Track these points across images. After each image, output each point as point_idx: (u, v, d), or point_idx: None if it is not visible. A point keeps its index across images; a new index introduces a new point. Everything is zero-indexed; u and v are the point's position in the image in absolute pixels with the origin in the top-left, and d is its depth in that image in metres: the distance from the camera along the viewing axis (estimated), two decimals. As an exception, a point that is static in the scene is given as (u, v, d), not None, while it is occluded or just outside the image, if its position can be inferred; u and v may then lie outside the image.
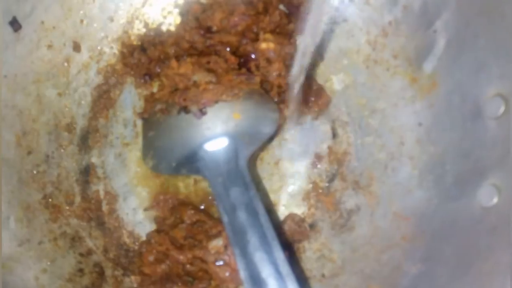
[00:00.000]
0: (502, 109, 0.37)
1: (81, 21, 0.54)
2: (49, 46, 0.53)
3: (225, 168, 0.42)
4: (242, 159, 0.43)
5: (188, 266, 0.45)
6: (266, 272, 0.36)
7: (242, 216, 0.39)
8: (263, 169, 0.54)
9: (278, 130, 0.53)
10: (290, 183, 0.53)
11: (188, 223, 0.46)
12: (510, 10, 0.37)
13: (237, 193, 0.40)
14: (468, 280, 0.34)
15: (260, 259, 0.36)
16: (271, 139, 0.53)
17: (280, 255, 0.37)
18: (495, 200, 0.36)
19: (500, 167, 0.36)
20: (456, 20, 0.43)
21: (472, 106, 0.41)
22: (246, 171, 0.43)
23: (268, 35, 0.52)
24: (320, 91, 0.54)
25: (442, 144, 0.44)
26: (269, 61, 0.52)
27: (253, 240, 0.37)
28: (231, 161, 0.42)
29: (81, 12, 0.54)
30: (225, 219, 0.40)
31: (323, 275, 0.47)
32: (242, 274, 0.37)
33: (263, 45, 0.51)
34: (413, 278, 0.40)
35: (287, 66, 0.53)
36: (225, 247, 0.44)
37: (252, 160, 0.53)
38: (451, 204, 0.40)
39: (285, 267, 0.36)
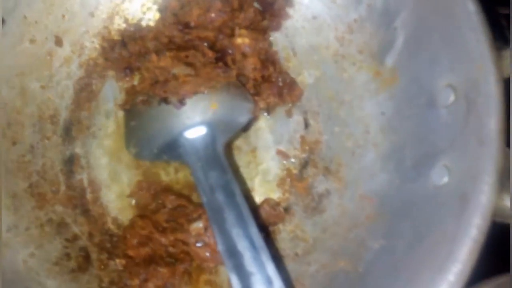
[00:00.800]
0: (452, 97, 0.42)
1: (63, 16, 0.56)
2: (32, 41, 0.54)
3: (204, 153, 0.45)
4: (219, 145, 0.47)
5: (170, 248, 0.48)
6: (242, 245, 0.39)
7: (220, 196, 0.42)
8: (241, 157, 0.57)
9: (253, 120, 0.56)
10: (265, 171, 0.57)
11: (169, 207, 0.49)
12: (459, 9, 0.41)
13: (215, 176, 0.43)
14: (422, 250, 0.39)
15: (236, 234, 0.40)
16: (247, 127, 0.57)
17: (254, 230, 0.40)
18: (445, 179, 0.40)
19: (450, 149, 0.41)
20: (413, 18, 0.47)
21: (427, 96, 0.45)
22: (223, 156, 0.46)
23: (243, 31, 0.55)
24: (293, 84, 0.58)
25: (402, 131, 0.49)
26: (244, 55, 0.55)
27: (230, 217, 0.41)
28: (209, 147, 0.46)
29: (63, 7, 0.56)
30: (204, 199, 0.43)
31: (296, 254, 0.51)
32: (220, 248, 0.40)
33: (239, 40, 0.55)
34: (375, 252, 0.44)
35: (262, 60, 0.56)
36: (205, 229, 0.47)
37: (230, 150, 0.57)
38: (409, 185, 0.45)
39: (258, 241, 0.40)
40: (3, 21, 0.51)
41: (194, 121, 0.47)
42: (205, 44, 0.54)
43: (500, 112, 0.36)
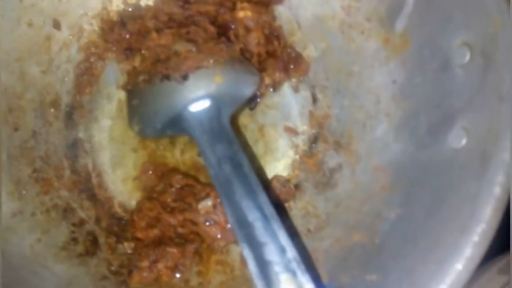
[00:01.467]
0: (467, 56, 0.39)
1: (59, -3, 0.55)
2: (29, 24, 0.53)
3: (209, 126, 0.44)
4: (224, 117, 0.45)
5: (179, 228, 0.47)
6: (252, 216, 0.38)
7: (227, 168, 0.40)
8: (248, 136, 0.55)
9: (259, 97, 0.55)
10: (274, 148, 0.55)
11: (177, 187, 0.48)
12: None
13: (222, 148, 0.42)
14: (443, 214, 0.37)
15: (246, 205, 0.38)
16: (253, 105, 0.55)
17: (264, 200, 0.39)
18: (463, 141, 0.38)
19: (468, 110, 0.39)
20: (423, -22, 0.45)
21: (441, 58, 0.43)
22: (229, 128, 0.44)
23: (245, 4, 0.53)
24: (299, 58, 0.56)
25: (415, 98, 0.46)
26: (247, 29, 0.53)
27: (238, 189, 0.39)
28: (213, 120, 0.44)
29: (59, -11, 0.54)
30: (212, 173, 0.42)
31: (309, 230, 0.49)
32: (231, 220, 0.39)
33: (241, 14, 0.53)
34: (392, 222, 0.42)
35: (266, 35, 0.55)
36: (214, 207, 0.46)
37: (237, 128, 0.55)
38: (425, 152, 0.43)
39: (269, 210, 0.38)
40: (-2, 3, 0.50)
41: (197, 95, 0.45)
42: (206, 19, 0.53)
43: (521, 65, 0.34)
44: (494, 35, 0.37)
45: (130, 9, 0.57)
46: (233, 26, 0.54)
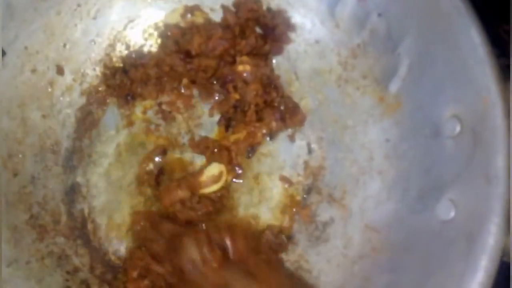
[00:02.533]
0: (458, 128, 0.41)
1: (64, 44, 0.56)
2: (33, 71, 0.54)
3: None
4: None
5: (168, 277, 0.48)
6: None
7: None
8: (244, 183, 0.56)
9: (256, 145, 0.56)
10: (269, 197, 0.56)
11: (167, 236, 0.49)
12: (464, 41, 0.40)
13: None
14: (429, 288, 0.37)
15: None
16: (252, 151, 0.56)
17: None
18: (452, 214, 0.39)
19: (457, 183, 0.40)
20: (417, 46, 0.46)
21: (433, 125, 0.44)
22: None
23: (244, 58, 0.54)
24: (296, 109, 0.57)
25: (408, 160, 0.48)
26: (246, 82, 0.55)
27: None
28: None
29: (64, 36, 0.56)
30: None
31: (300, 286, 0.50)
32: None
33: (240, 68, 0.54)
34: None
35: (264, 85, 0.56)
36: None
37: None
38: (415, 217, 0.43)
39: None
40: (3, 53, 0.51)
41: None
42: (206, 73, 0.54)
43: (508, 149, 0.35)
44: (482, 113, 0.38)
45: (133, 56, 0.58)
46: (231, 78, 0.55)
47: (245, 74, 0.54)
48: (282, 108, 0.57)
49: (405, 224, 0.45)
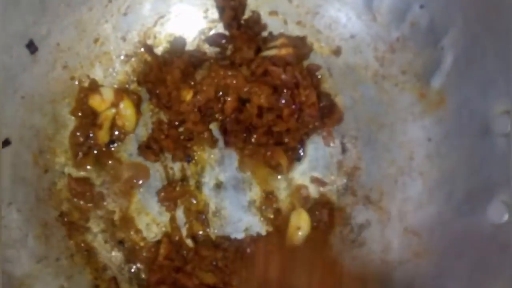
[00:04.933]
0: (509, 126, 0.38)
1: (95, 41, 0.56)
2: (64, 67, 0.54)
3: None
4: None
5: None
6: None
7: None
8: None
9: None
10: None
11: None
12: (517, 28, 0.37)
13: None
14: (480, 298, 0.35)
15: None
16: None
17: None
18: (505, 217, 0.36)
19: (510, 184, 0.37)
20: (464, 37, 0.43)
21: (481, 122, 0.41)
22: None
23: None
24: (333, 107, 0.54)
25: (452, 160, 0.45)
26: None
27: None
28: None
29: (95, 32, 0.55)
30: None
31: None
32: None
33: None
34: (425, 295, 0.40)
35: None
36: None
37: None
38: (462, 220, 0.41)
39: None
40: (36, 48, 0.51)
41: None
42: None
43: None
44: (540, 108, 0.35)
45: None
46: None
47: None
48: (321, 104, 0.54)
49: (450, 227, 0.42)
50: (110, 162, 0.53)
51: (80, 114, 0.53)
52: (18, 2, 0.48)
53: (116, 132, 0.54)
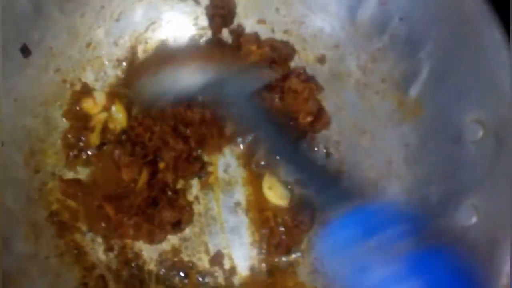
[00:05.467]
0: (480, 133, 0.40)
1: (87, 45, 0.57)
2: (57, 70, 0.55)
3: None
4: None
5: None
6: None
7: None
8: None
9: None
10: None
11: None
12: (488, 44, 0.40)
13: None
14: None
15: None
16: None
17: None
18: (473, 219, 0.38)
19: (478, 188, 0.39)
20: (439, 50, 0.46)
21: (454, 130, 0.44)
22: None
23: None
24: (321, 111, 0.56)
25: (427, 165, 0.47)
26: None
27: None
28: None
29: (87, 37, 0.57)
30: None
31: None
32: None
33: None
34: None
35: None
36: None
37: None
38: (435, 222, 0.43)
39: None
40: (29, 52, 0.53)
41: None
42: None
43: (533, 153, 0.34)
44: (507, 119, 0.37)
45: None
46: None
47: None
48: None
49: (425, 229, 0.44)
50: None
51: (72, 116, 0.54)
52: (12, 8, 0.50)
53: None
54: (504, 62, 0.38)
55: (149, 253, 0.52)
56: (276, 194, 0.54)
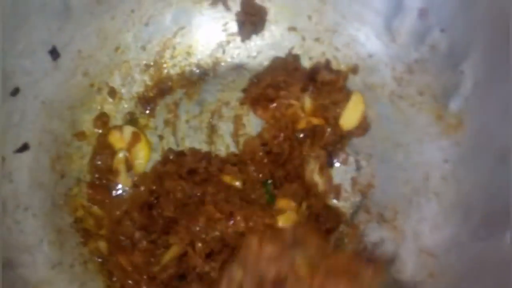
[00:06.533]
0: (530, 152, 0.38)
1: (116, 49, 0.56)
2: (85, 74, 0.54)
3: None
4: None
5: None
6: None
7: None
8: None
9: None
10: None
11: None
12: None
13: None
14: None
15: None
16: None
17: None
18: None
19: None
20: (484, 63, 0.44)
21: (500, 147, 0.42)
22: None
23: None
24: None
25: (469, 183, 0.45)
26: None
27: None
28: None
29: (116, 41, 0.56)
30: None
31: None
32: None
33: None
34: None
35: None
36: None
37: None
38: (479, 244, 0.41)
39: None
40: (58, 55, 0.52)
41: None
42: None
43: None
44: None
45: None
46: None
47: None
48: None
49: (467, 250, 0.42)
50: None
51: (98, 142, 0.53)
52: (43, 9, 0.49)
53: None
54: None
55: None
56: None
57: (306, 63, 0.57)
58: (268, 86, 0.55)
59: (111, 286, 0.49)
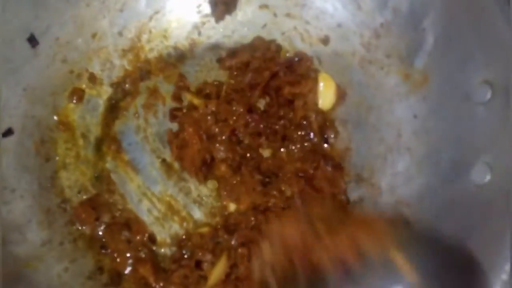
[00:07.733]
0: (489, 94, 0.40)
1: (93, 36, 0.58)
2: (64, 61, 0.56)
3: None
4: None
5: None
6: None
7: None
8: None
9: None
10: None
11: None
12: (489, 3, 0.40)
13: None
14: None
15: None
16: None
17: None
18: (487, 177, 0.38)
19: (491, 146, 0.39)
20: (442, 18, 0.46)
21: (462, 94, 0.44)
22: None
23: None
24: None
25: (437, 133, 0.47)
26: None
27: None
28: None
29: (93, 28, 0.57)
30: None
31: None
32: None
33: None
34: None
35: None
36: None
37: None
38: (448, 186, 0.43)
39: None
40: (37, 42, 0.53)
41: None
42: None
43: (544, 104, 0.35)
44: (515, 75, 0.38)
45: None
46: None
47: None
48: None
49: (438, 194, 0.44)
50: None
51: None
52: (19, -1, 0.51)
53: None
54: (508, 20, 0.39)
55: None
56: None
57: (279, 38, 0.59)
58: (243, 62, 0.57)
59: (101, 261, 0.50)
